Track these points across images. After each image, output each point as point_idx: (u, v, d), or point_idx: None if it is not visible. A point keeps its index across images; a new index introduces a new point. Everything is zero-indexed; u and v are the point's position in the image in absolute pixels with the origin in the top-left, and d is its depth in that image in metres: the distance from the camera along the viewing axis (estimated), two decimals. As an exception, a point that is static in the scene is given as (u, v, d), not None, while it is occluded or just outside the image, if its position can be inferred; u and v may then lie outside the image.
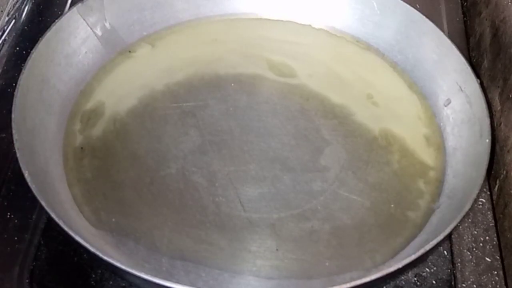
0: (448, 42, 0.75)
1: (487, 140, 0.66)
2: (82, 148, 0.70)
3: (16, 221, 0.66)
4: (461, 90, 0.73)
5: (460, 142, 0.71)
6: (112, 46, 0.78)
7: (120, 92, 0.76)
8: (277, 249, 0.64)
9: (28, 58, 0.68)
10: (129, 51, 0.79)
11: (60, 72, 0.72)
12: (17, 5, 0.79)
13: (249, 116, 0.75)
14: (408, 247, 0.64)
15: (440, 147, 0.73)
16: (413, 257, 0.57)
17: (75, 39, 0.74)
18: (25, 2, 0.81)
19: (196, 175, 0.69)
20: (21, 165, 0.60)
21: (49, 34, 0.70)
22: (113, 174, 0.68)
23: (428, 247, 0.57)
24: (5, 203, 0.67)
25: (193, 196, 0.67)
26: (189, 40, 0.81)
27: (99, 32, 0.76)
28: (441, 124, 0.74)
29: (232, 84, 0.78)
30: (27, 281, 0.62)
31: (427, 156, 0.72)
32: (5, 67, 0.76)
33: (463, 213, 0.60)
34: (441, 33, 0.76)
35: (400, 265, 0.57)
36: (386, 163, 0.71)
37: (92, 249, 0.55)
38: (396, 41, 0.80)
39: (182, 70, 0.78)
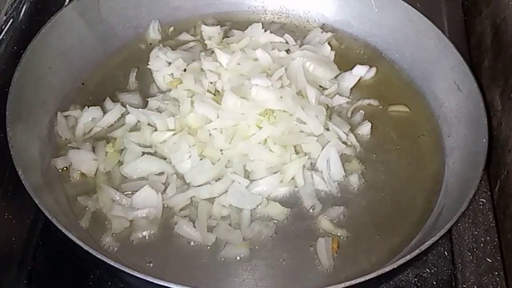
0: (446, 40, 0.74)
1: (484, 140, 0.65)
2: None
3: (14, 221, 0.65)
4: (459, 89, 0.72)
5: (457, 141, 0.71)
6: (108, 43, 0.78)
7: (115, 88, 0.75)
8: (272, 248, 0.63)
9: (23, 55, 0.68)
10: (125, 48, 0.79)
11: (56, 69, 0.72)
12: (15, 5, 0.79)
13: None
14: (405, 247, 0.64)
15: (438, 147, 0.72)
16: (408, 257, 0.57)
17: (70, 36, 0.74)
18: (23, 2, 0.80)
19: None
20: (14, 162, 0.60)
21: (44, 31, 0.70)
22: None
23: (423, 247, 0.57)
24: (3, 204, 0.66)
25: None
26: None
27: (94, 29, 0.76)
28: (439, 123, 0.74)
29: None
30: (25, 282, 0.62)
31: (424, 155, 0.72)
32: (3, 67, 0.76)
33: (459, 213, 0.59)
34: (439, 31, 0.75)
35: (395, 265, 0.56)
36: (383, 162, 0.71)
37: (85, 247, 0.55)
38: (394, 39, 0.80)
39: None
